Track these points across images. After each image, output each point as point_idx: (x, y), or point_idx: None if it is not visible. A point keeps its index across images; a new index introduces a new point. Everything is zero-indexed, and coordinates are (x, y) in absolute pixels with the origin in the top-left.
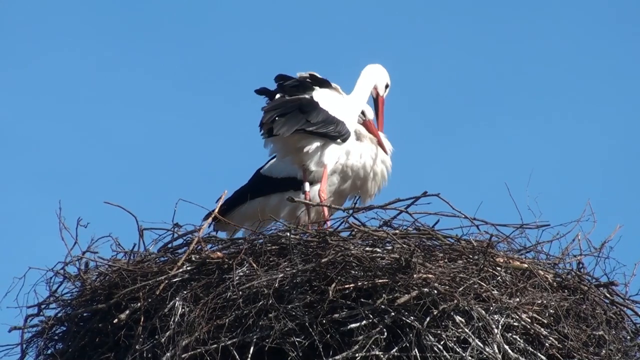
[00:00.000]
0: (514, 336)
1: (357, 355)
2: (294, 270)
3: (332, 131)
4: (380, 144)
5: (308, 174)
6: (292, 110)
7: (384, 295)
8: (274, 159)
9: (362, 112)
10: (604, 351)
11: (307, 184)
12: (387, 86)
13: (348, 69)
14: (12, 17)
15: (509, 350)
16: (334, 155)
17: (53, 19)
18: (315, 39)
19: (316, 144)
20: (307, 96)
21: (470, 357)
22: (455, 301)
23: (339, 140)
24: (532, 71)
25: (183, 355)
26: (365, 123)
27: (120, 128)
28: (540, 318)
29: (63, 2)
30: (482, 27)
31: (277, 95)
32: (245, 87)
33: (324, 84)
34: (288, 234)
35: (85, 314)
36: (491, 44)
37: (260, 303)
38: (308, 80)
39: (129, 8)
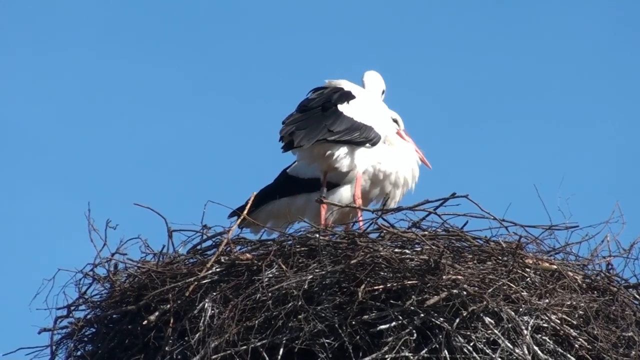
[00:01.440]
0: (544, 337)
1: (387, 356)
2: (323, 272)
3: (357, 137)
4: (422, 159)
5: (339, 176)
6: (312, 124)
7: (413, 296)
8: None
9: (396, 121)
10: (633, 352)
11: (324, 189)
12: (383, 92)
13: (359, 70)
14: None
15: (539, 352)
16: (365, 159)
17: (76, 22)
18: (328, 40)
19: (343, 149)
20: (332, 107)
21: (500, 359)
22: (485, 302)
23: (367, 144)
24: (562, 72)
25: (213, 357)
26: (398, 133)
27: (149, 130)
28: (569, 319)
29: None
30: (511, 26)
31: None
32: (270, 87)
33: (350, 96)
34: (317, 235)
35: (114, 316)
36: (520, 42)
37: (290, 304)
38: (335, 93)
39: (153, 11)
